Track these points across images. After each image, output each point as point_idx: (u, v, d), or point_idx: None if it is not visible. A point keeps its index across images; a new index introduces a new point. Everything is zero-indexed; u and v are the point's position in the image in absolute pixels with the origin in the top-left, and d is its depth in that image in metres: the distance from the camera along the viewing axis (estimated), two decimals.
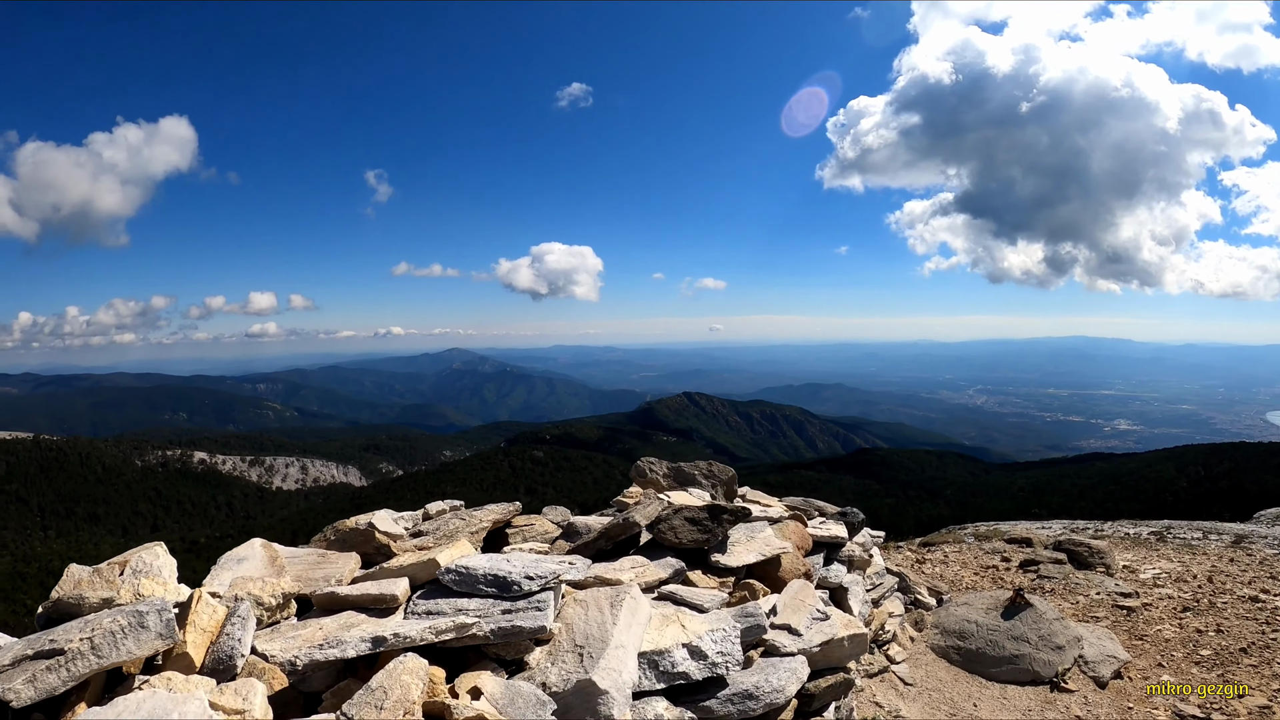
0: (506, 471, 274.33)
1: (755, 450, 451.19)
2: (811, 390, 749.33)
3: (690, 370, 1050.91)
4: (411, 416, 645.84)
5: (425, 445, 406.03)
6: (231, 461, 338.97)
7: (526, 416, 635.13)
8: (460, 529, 12.03)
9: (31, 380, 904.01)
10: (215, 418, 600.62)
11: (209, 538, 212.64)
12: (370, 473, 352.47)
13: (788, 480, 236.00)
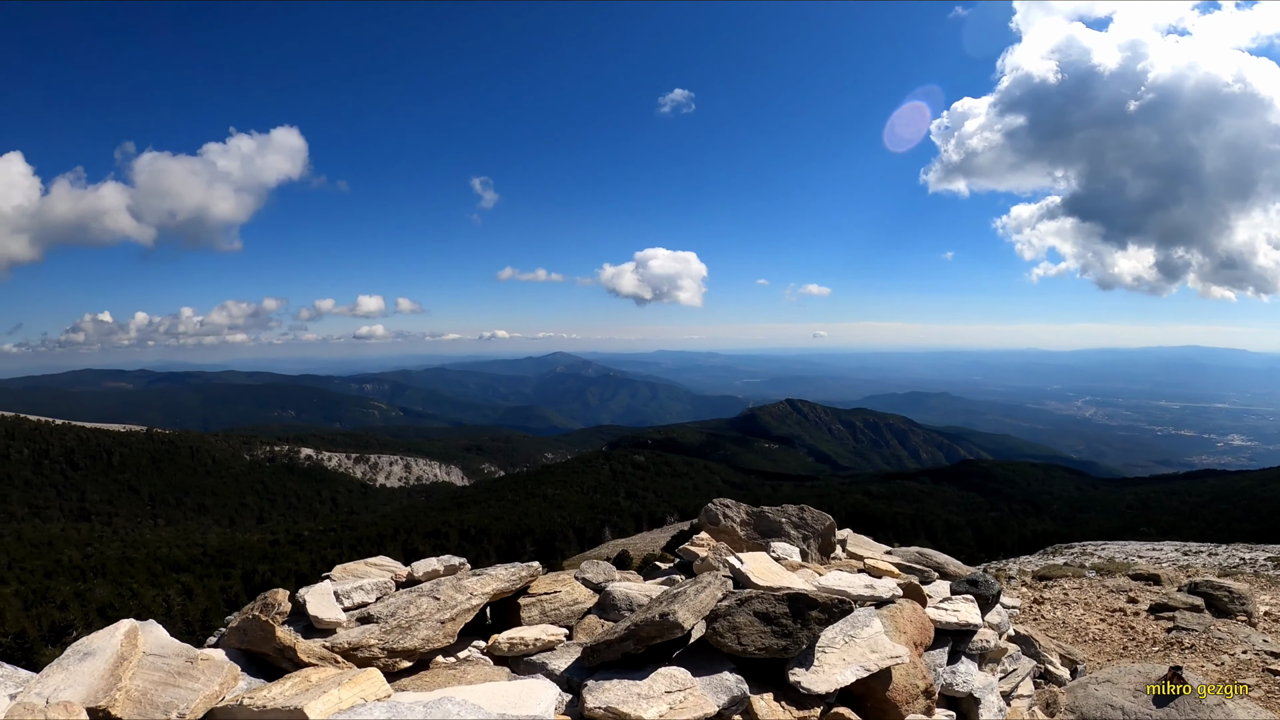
0: (607, 475, 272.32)
1: (857, 459, 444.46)
2: (915, 399, 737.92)
3: (793, 376, 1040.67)
4: (514, 418, 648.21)
5: (527, 447, 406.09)
6: (337, 458, 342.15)
7: (628, 420, 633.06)
8: (426, 614, 9.38)
9: (146, 376, 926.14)
10: (322, 415, 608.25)
11: (312, 531, 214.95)
12: (472, 473, 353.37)
13: (890, 490, 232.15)
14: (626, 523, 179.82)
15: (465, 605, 9.64)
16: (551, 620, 10.49)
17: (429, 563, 11.16)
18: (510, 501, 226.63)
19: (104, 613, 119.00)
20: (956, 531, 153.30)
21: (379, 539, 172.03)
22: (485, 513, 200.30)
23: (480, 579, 10.27)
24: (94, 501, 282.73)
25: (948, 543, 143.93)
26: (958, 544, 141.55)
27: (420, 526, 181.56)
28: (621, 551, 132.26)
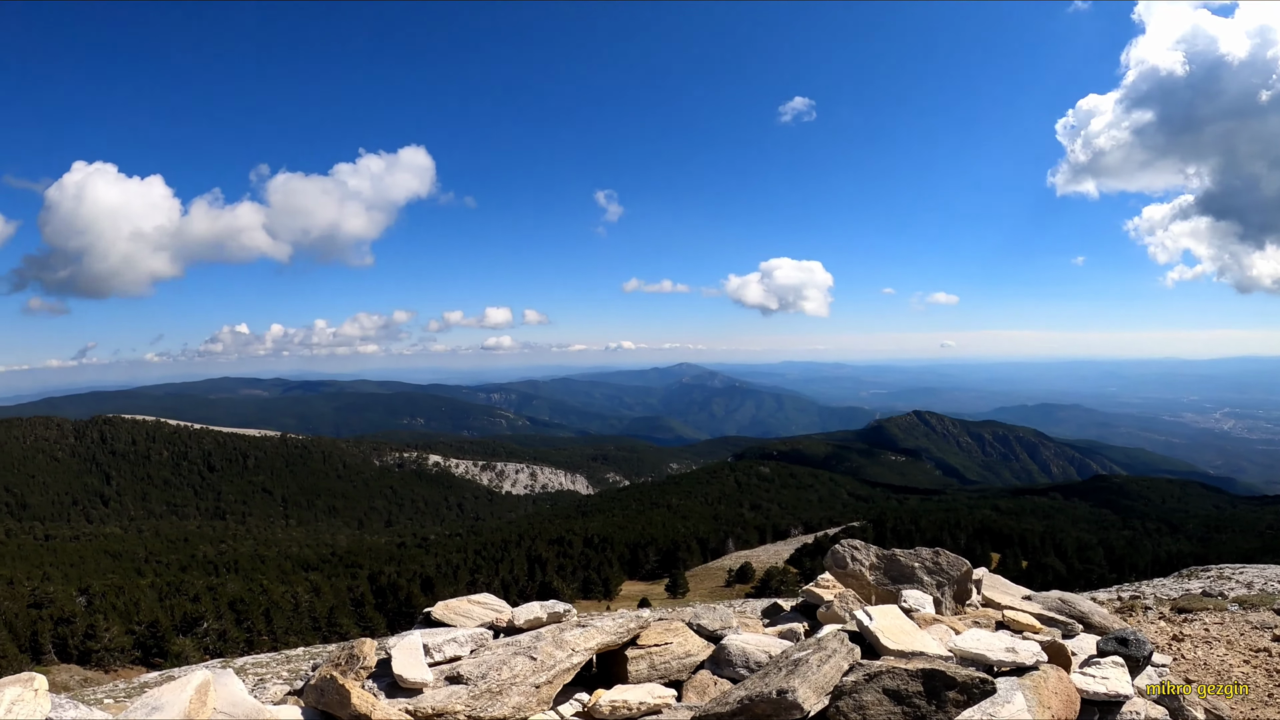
0: (731, 486, 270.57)
1: (986, 473, 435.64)
2: (1046, 411, 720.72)
3: (920, 388, 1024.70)
4: (640, 429, 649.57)
5: (652, 457, 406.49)
6: (464, 465, 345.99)
7: (754, 431, 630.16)
8: (521, 677, 8.82)
9: (281, 384, 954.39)
10: (451, 424, 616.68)
11: (438, 535, 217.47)
12: (597, 482, 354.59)
13: (1019, 506, 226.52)
14: (750, 535, 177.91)
15: (565, 664, 9.17)
16: (660, 675, 9.89)
17: (531, 608, 10.64)
18: (634, 511, 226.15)
19: (234, 606, 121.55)
20: (1087, 550, 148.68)
21: (503, 545, 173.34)
22: (609, 521, 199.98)
23: (584, 632, 9.75)
24: (229, 501, 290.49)
25: (1078, 562, 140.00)
26: (1088, 564, 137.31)
27: (544, 534, 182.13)
28: (744, 564, 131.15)
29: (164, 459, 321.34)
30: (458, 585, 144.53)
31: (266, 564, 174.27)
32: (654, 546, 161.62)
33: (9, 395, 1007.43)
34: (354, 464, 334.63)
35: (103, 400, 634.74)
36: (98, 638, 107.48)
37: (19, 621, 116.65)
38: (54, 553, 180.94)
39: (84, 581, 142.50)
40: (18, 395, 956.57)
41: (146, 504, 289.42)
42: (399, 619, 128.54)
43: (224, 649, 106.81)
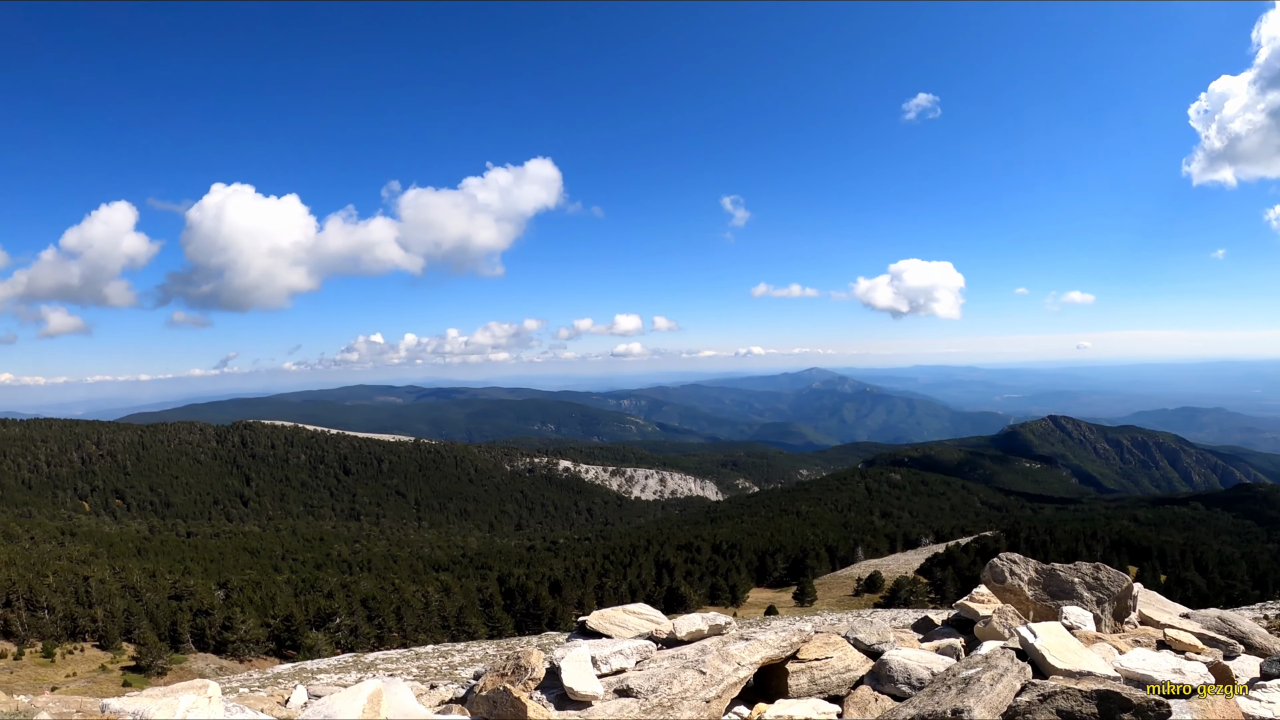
0: (862, 493, 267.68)
1: (1124, 481, 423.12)
2: (1187, 415, 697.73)
3: (1055, 391, 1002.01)
4: (769, 434, 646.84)
5: (782, 463, 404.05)
6: (594, 470, 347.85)
7: (885, 437, 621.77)
8: (691, 691, 8.55)
9: (415, 392, 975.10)
10: (581, 430, 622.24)
11: (568, 539, 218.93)
12: (726, 488, 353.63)
13: (1158, 517, 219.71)
14: (880, 543, 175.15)
15: (732, 679, 8.90)
16: (820, 690, 9.63)
17: (692, 620, 10.40)
18: (763, 518, 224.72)
19: (366, 603, 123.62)
20: (1229, 565, 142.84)
21: (631, 550, 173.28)
22: (738, 528, 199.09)
23: (749, 646, 9.50)
24: (364, 503, 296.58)
25: (1219, 577, 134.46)
26: (1230, 579, 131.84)
27: (673, 540, 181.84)
28: (873, 573, 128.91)
29: (301, 462, 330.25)
30: (585, 589, 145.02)
31: (399, 564, 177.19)
32: (782, 554, 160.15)
33: (155, 402, 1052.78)
34: (485, 469, 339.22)
35: (243, 407, 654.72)
36: (234, 629, 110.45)
37: (160, 612, 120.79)
38: (195, 549, 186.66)
39: (223, 576, 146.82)
40: (163, 402, 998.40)
41: (284, 504, 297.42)
42: (526, 621, 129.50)
43: (355, 644, 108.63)
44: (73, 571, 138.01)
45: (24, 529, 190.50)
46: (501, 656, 8.99)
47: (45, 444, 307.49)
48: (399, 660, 60.29)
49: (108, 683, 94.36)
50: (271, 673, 62.37)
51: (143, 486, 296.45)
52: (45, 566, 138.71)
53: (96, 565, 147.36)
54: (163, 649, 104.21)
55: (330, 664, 63.53)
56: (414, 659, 60.83)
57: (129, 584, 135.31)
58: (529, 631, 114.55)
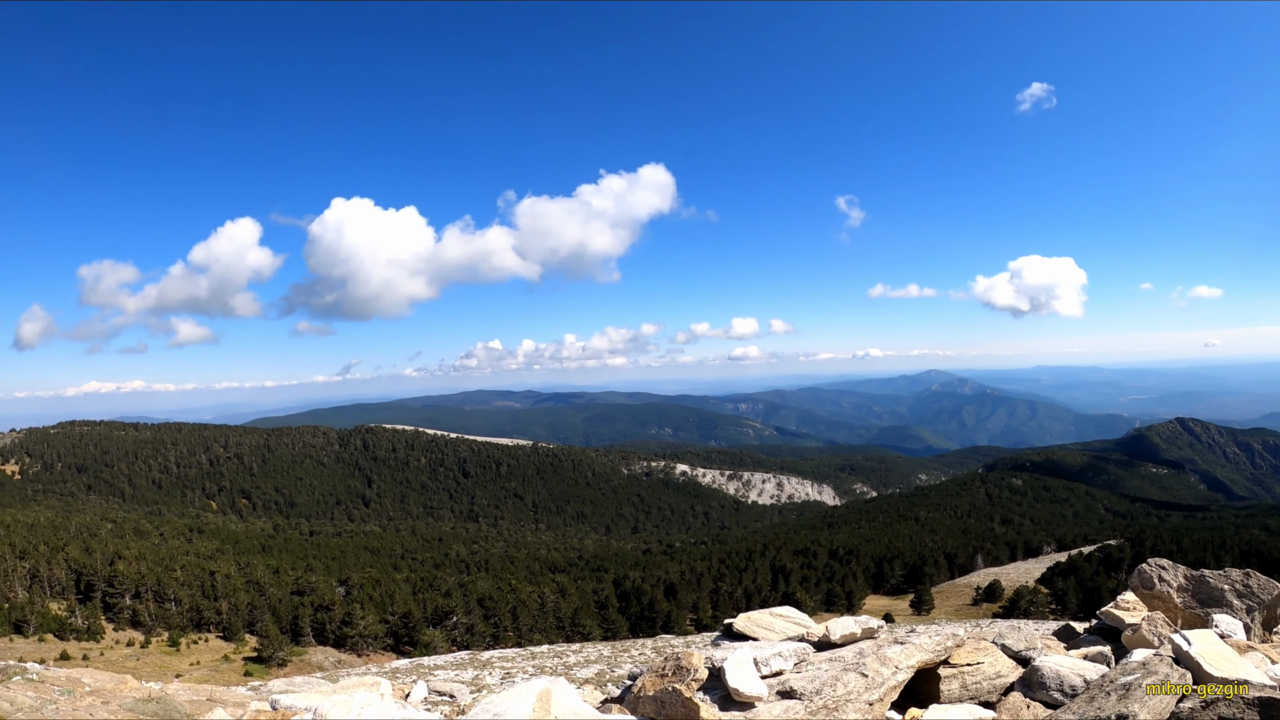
0: (982, 499, 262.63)
1: (1254, 487, 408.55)
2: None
3: (1182, 392, 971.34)
4: (888, 438, 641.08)
5: (900, 467, 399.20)
6: (711, 474, 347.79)
7: (1006, 441, 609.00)
8: (854, 693, 8.33)
9: (533, 396, 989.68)
10: (698, 433, 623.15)
11: (684, 543, 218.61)
12: (844, 492, 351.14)
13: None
14: (1000, 550, 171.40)
15: (891, 682, 8.76)
16: (972, 695, 9.48)
17: (845, 623, 10.28)
18: (881, 523, 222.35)
19: (483, 603, 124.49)
20: None
21: (747, 554, 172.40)
22: (855, 533, 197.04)
23: (905, 649, 9.34)
24: (482, 505, 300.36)
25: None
26: None
27: (789, 544, 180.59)
28: (992, 581, 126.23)
29: (421, 465, 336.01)
30: (700, 593, 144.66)
31: (516, 565, 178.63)
32: (900, 560, 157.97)
33: (280, 408, 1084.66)
34: (603, 472, 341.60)
35: (365, 412, 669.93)
36: (353, 624, 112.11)
37: (282, 606, 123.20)
38: (317, 547, 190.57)
39: (344, 574, 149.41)
40: (287, 407, 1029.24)
41: (404, 505, 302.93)
42: (641, 623, 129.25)
43: (470, 642, 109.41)
44: (199, 566, 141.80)
45: (154, 526, 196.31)
46: (658, 658, 8.70)
47: (175, 446, 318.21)
48: (514, 659, 60.29)
49: (230, 672, 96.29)
50: (389, 667, 62.76)
51: (268, 487, 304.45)
52: (173, 561, 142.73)
53: (222, 561, 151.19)
54: (284, 641, 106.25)
55: (447, 661, 63.75)
56: (529, 658, 60.72)
57: (253, 579, 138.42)
58: (643, 634, 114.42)
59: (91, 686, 20.08)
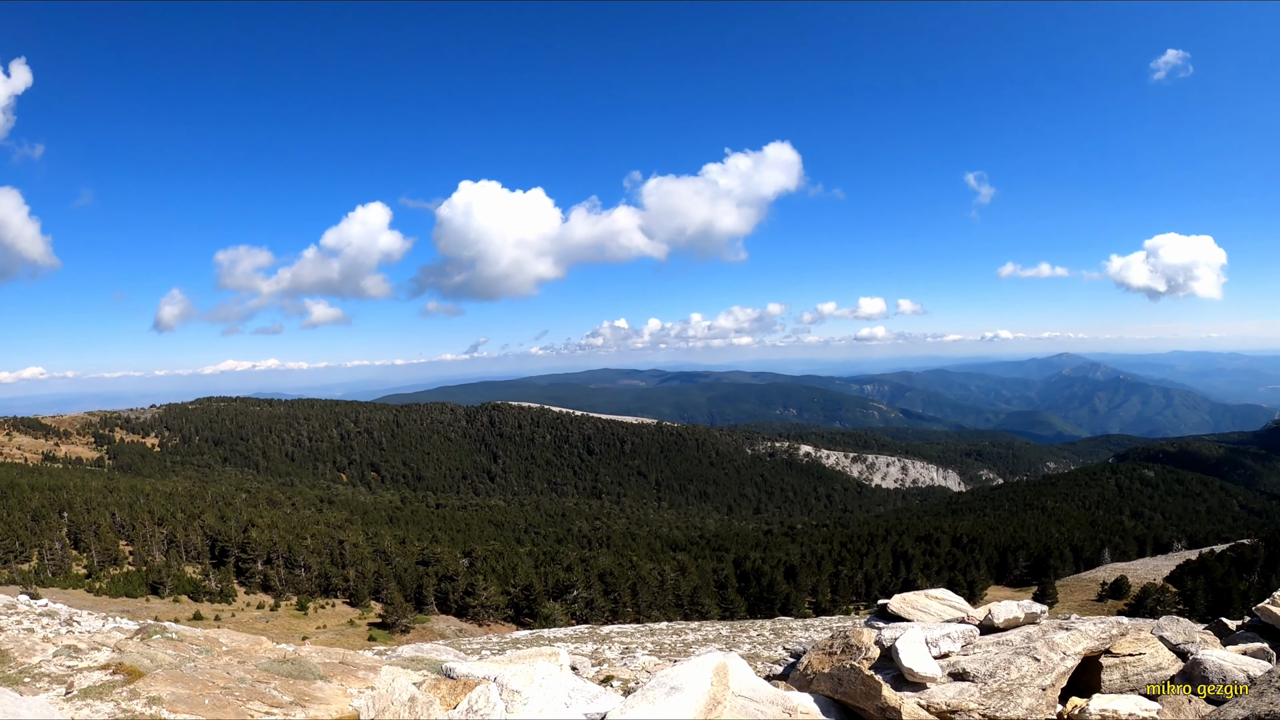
0: (1112, 490, 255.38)
1: None
2: None
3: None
4: (1016, 423, 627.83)
5: (1028, 454, 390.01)
6: (835, 456, 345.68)
7: (1138, 430, 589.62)
8: (1028, 678, 8.36)
9: (658, 375, 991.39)
10: (822, 414, 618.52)
11: (805, 525, 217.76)
12: (969, 478, 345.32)
13: None
14: (1128, 545, 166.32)
15: (1060, 668, 8.78)
16: (1133, 686, 9.49)
17: (1008, 607, 10.21)
18: (1006, 512, 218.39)
19: (603, 578, 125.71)
20: None
21: (869, 538, 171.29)
22: (980, 521, 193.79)
23: (1071, 635, 9.39)
24: (605, 482, 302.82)
25: None
26: None
27: (912, 530, 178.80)
28: (1119, 577, 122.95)
29: (546, 442, 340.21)
30: (820, 576, 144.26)
31: (637, 542, 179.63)
32: (1024, 551, 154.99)
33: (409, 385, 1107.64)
34: (726, 452, 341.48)
35: (491, 389, 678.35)
36: (476, 595, 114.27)
37: (407, 575, 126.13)
38: (443, 519, 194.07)
39: (468, 545, 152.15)
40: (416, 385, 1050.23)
41: (529, 481, 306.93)
42: (759, 604, 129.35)
43: (589, 616, 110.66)
44: (329, 535, 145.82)
45: (286, 496, 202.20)
46: (824, 635, 8.90)
47: (308, 421, 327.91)
48: (634, 634, 60.85)
49: (355, 636, 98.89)
50: (510, 638, 64.02)
51: (396, 461, 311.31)
52: (304, 530, 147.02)
53: (351, 530, 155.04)
54: (408, 609, 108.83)
55: (566, 634, 64.73)
56: (648, 634, 61.29)
57: (380, 549, 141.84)
58: (760, 615, 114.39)
59: (228, 646, 21.29)
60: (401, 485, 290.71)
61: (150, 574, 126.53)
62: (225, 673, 17.18)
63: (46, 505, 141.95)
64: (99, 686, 15.76)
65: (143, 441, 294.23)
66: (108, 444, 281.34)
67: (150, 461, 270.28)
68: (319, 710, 16.09)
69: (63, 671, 17.28)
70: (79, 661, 18.09)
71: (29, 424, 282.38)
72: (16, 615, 30.14)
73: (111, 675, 16.57)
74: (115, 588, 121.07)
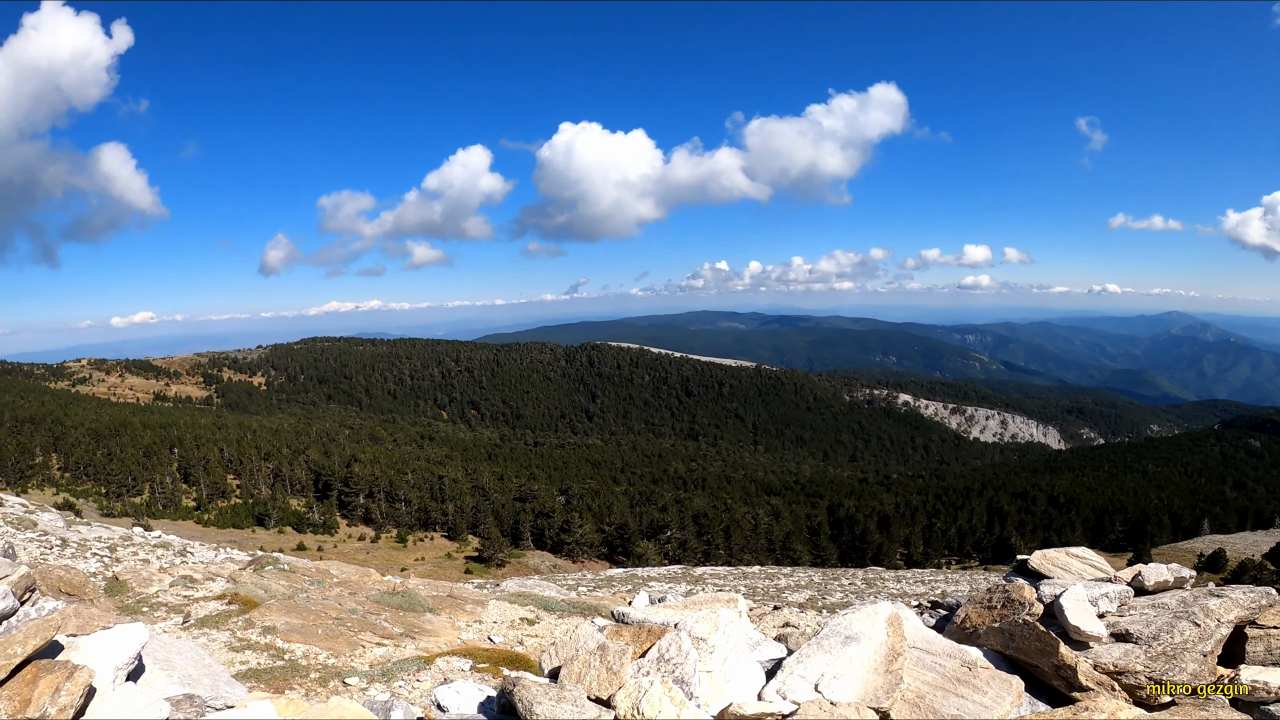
0: (1215, 458, 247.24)
1: None
2: None
3: None
4: (1120, 382, 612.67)
5: (1131, 415, 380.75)
6: (934, 406, 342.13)
7: (1247, 396, 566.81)
8: (1190, 643, 8.22)
9: (758, 319, 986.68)
10: (922, 363, 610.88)
11: (901, 475, 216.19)
12: (1070, 436, 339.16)
13: None
14: (1229, 517, 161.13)
15: (1217, 635, 8.57)
16: (1275, 660, 9.07)
17: (1158, 570, 10.01)
18: (1105, 473, 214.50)
19: (697, 520, 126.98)
20: None
21: (964, 492, 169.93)
22: (1077, 481, 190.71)
23: (1223, 603, 9.06)
24: (702, 424, 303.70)
25: None
26: None
27: (1008, 486, 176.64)
28: (1216, 550, 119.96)
29: (645, 382, 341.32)
30: (913, 528, 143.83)
31: (732, 485, 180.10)
32: (1121, 515, 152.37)
33: (509, 325, 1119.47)
34: (824, 397, 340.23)
35: (591, 329, 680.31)
36: (571, 532, 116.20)
37: (505, 511, 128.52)
38: (541, 457, 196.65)
39: (565, 483, 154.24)
40: (516, 324, 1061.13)
41: (626, 421, 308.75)
42: (850, 552, 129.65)
43: (682, 556, 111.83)
44: (429, 471, 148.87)
45: (388, 433, 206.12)
46: (981, 589, 8.93)
47: (409, 360, 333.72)
48: (726, 577, 61.25)
49: (451, 569, 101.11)
50: (604, 575, 64.77)
51: (495, 399, 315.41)
52: (405, 465, 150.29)
53: (450, 466, 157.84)
54: (504, 544, 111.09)
55: (660, 573, 65.19)
56: (741, 578, 61.66)
57: (479, 484, 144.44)
58: (852, 564, 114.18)
59: (339, 578, 22.26)
60: (500, 423, 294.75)
61: (256, 506, 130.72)
62: (337, 604, 18.03)
63: (158, 442, 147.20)
64: (215, 616, 16.64)
65: (249, 380, 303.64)
66: (216, 383, 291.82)
67: (257, 400, 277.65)
68: (428, 642, 16.76)
69: (179, 601, 18.14)
70: (195, 591, 18.86)
71: (140, 366, 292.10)
72: (133, 547, 31.59)
73: (227, 605, 17.49)
74: (223, 519, 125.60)
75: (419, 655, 15.33)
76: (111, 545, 30.21)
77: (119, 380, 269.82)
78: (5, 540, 7.10)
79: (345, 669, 14.19)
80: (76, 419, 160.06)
